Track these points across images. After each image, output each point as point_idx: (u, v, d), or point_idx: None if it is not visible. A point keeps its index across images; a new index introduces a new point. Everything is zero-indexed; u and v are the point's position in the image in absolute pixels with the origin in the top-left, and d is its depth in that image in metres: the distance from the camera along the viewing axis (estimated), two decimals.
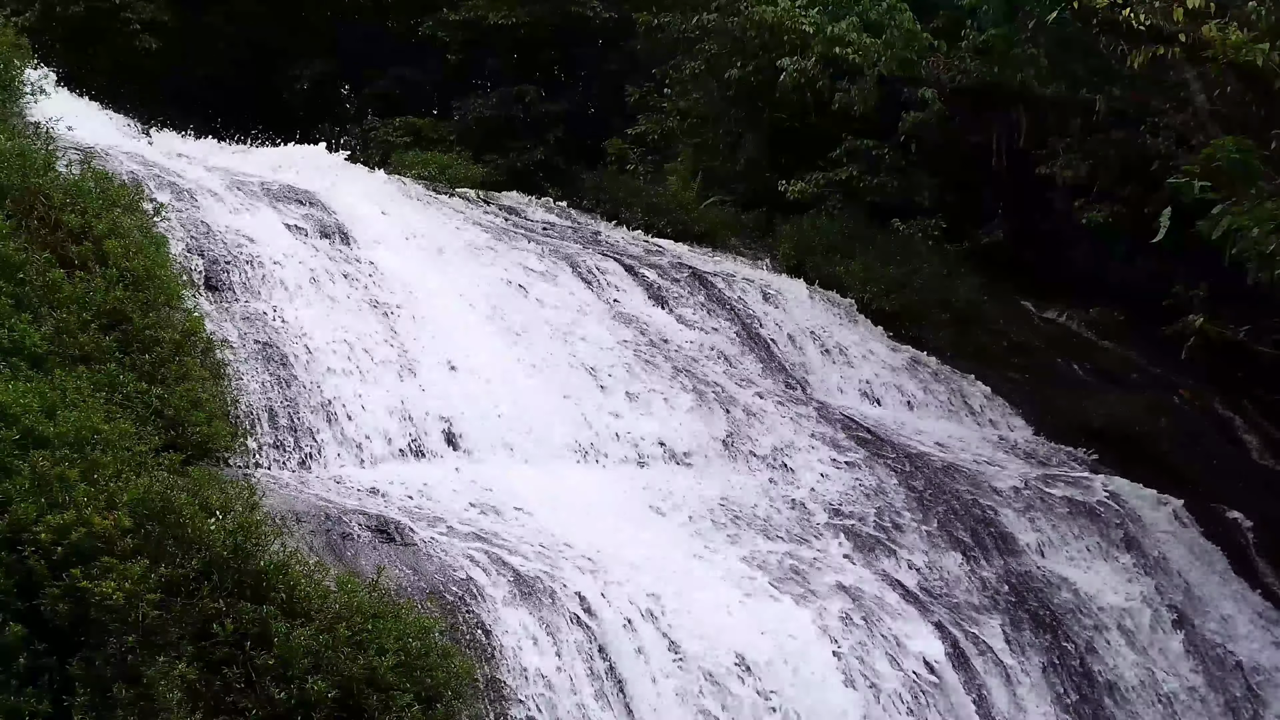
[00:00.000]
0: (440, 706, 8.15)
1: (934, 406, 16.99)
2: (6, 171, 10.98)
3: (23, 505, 8.09)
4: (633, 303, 16.02)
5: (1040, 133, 20.46)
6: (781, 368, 16.22)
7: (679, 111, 24.98)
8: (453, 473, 11.62)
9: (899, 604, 12.05)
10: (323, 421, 11.53)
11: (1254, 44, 13.10)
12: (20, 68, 14.32)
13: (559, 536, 10.78)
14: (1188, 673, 13.94)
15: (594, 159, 25.49)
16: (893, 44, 20.65)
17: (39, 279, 10.13)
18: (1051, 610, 13.35)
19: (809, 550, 12.42)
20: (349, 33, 28.80)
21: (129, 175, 13.35)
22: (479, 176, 21.67)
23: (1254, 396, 19.84)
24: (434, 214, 16.95)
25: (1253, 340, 16.08)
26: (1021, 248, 21.17)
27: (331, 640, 8.00)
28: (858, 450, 14.42)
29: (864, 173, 21.95)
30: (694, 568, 11.14)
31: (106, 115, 17.41)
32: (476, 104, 27.52)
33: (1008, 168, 21.11)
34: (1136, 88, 17.58)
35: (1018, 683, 12.23)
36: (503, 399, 12.75)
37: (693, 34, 23.66)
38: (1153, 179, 16.85)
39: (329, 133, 25.61)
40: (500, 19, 26.75)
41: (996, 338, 19.46)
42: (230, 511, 8.58)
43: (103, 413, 9.12)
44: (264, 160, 17.42)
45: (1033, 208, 21.00)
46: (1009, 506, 14.52)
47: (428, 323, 13.32)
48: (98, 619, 7.80)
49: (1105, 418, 17.83)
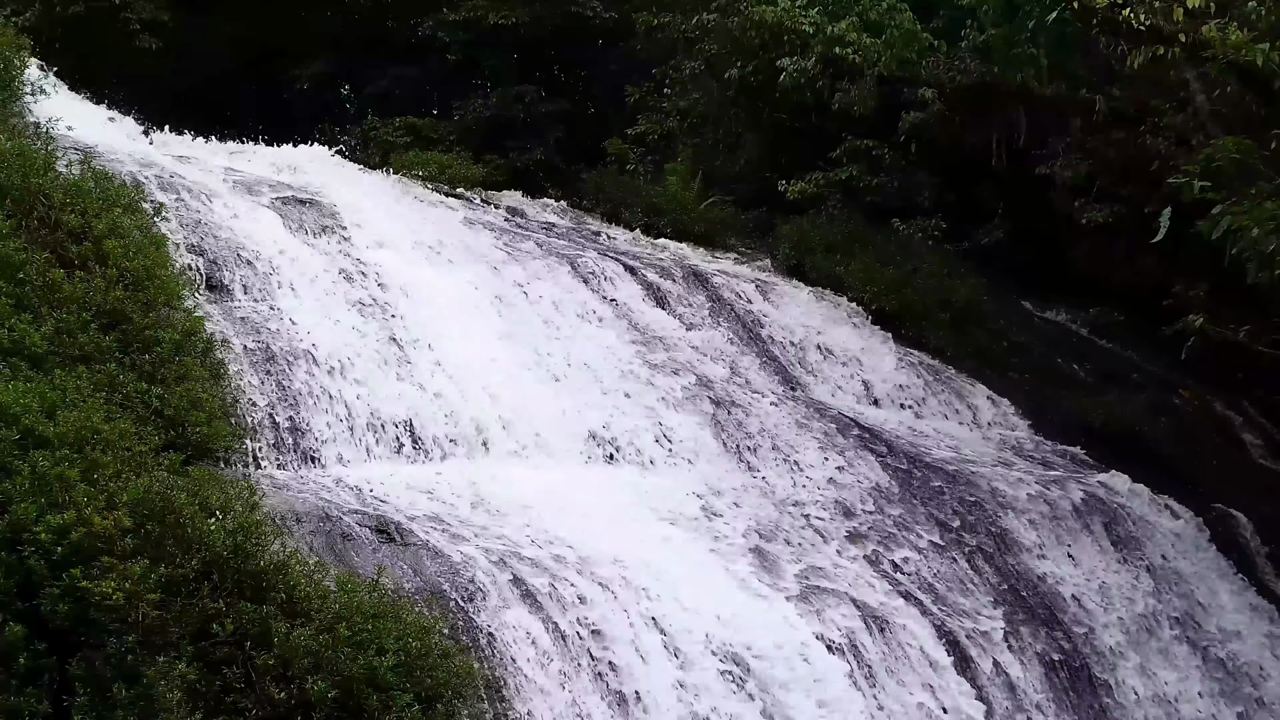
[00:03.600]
0: (440, 706, 8.15)
1: (934, 406, 16.98)
2: (6, 171, 10.98)
3: (23, 505, 8.09)
4: (633, 303, 16.01)
5: (1040, 133, 20.42)
6: (781, 368, 16.22)
7: (679, 111, 24.97)
8: (453, 472, 11.62)
9: (899, 604, 12.06)
10: (322, 421, 11.53)
11: (1254, 44, 13.09)
12: (20, 68, 14.32)
13: (560, 537, 10.78)
14: (1188, 672, 13.94)
15: (594, 159, 25.45)
16: (893, 44, 20.65)
17: (39, 279, 10.13)
18: (1052, 610, 13.35)
19: (809, 550, 12.42)
20: (349, 33, 28.76)
21: (129, 175, 13.36)
22: (479, 176, 21.65)
23: (1254, 396, 19.83)
24: (434, 214, 16.95)
25: (1253, 340, 16.05)
26: (1021, 248, 21.13)
27: (331, 640, 8.00)
28: (857, 450, 14.42)
29: (864, 173, 21.91)
30: (694, 568, 11.14)
31: (106, 115, 17.39)
32: (476, 104, 27.50)
33: (1008, 168, 21.09)
34: (1136, 88, 17.58)
35: (1018, 682, 12.23)
36: (503, 399, 12.75)
37: (693, 34, 23.64)
38: (1153, 179, 16.82)
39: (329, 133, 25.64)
40: (500, 19, 26.72)
41: (996, 338, 19.43)
42: (230, 511, 8.58)
43: (103, 413, 9.13)
44: (264, 160, 17.41)
45: (1033, 208, 20.96)
46: (1009, 506, 14.52)
47: (428, 322, 13.32)
48: (98, 619, 7.80)
49: (1105, 418, 17.81)
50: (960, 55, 20.56)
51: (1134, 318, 20.55)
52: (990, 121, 21.07)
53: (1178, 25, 13.77)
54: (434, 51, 28.34)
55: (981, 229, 21.60)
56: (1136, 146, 18.55)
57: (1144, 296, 19.54)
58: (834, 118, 21.72)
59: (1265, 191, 13.16)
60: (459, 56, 28.03)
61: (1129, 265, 19.56)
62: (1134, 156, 18.63)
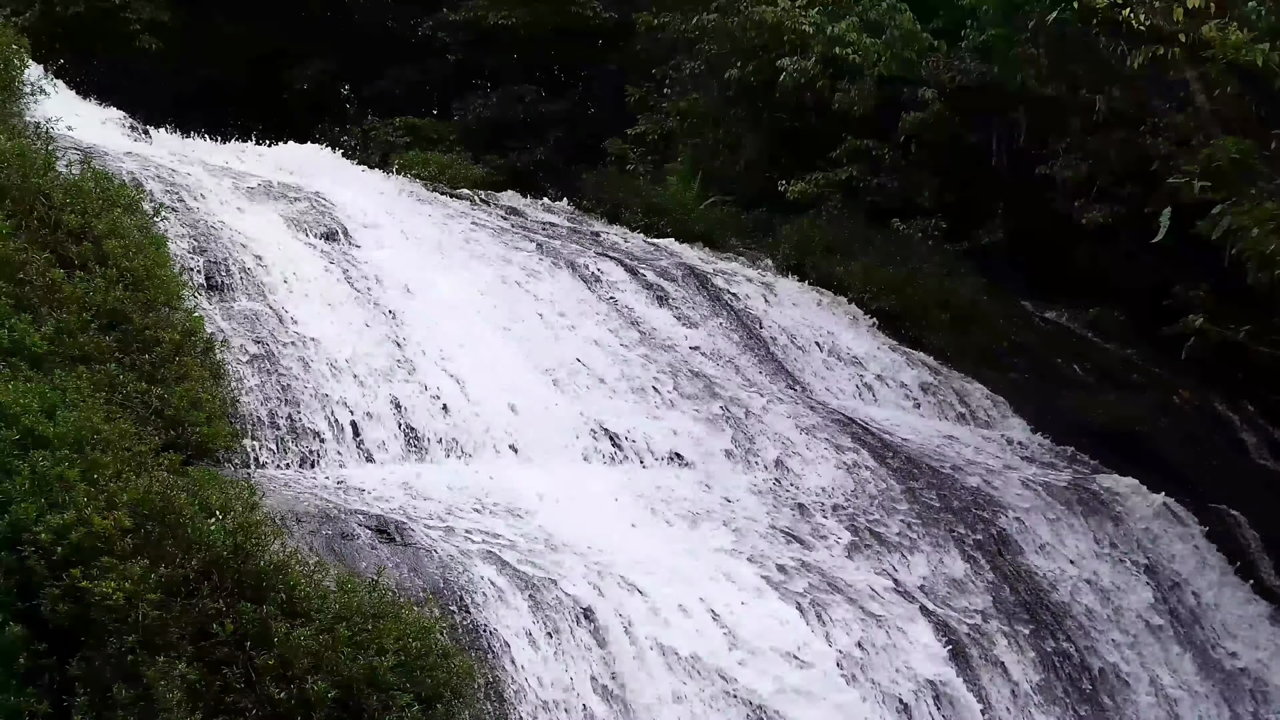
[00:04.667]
0: (440, 707, 8.14)
1: (934, 406, 16.98)
2: (6, 171, 10.97)
3: (23, 505, 8.08)
4: (633, 302, 16.01)
5: (1040, 133, 20.43)
6: (781, 368, 16.22)
7: (679, 111, 24.97)
8: (453, 472, 11.62)
9: (900, 604, 12.05)
10: (323, 421, 11.52)
11: (1254, 44, 13.10)
12: (20, 68, 14.32)
13: (560, 536, 10.78)
14: (1188, 673, 13.94)
15: (594, 159, 25.47)
16: (893, 44, 20.65)
17: (39, 279, 10.12)
18: (1052, 610, 13.36)
19: (809, 551, 12.42)
20: (349, 33, 28.79)
21: (129, 175, 13.35)
22: (479, 176, 21.68)
23: (1254, 396, 19.84)
24: (434, 214, 16.95)
25: (1253, 340, 16.07)
26: (1021, 248, 21.14)
27: (331, 640, 7.99)
28: (857, 450, 14.41)
29: (864, 173, 21.93)
30: (694, 568, 11.13)
31: (106, 115, 17.41)
32: (476, 104, 27.53)
33: (1008, 168, 21.10)
34: (1136, 88, 17.58)
35: (1019, 683, 12.23)
36: (503, 399, 12.75)
37: (693, 34, 23.65)
38: (1153, 179, 16.83)
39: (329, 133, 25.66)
40: (500, 19, 26.74)
41: (996, 338, 19.44)
42: (230, 511, 8.57)
43: (103, 413, 9.12)
44: (264, 160, 17.43)
45: (1033, 208, 20.97)
46: (1009, 506, 14.52)
47: (428, 322, 13.32)
48: (98, 619, 7.79)
49: (1105, 418, 17.81)
50: (960, 55, 20.55)
51: (1134, 318, 20.56)
52: (990, 121, 21.09)
53: (1178, 25, 13.79)
54: (434, 51, 28.37)
55: (981, 229, 21.60)
56: (1136, 146, 18.55)
57: (1144, 296, 19.56)
58: (834, 118, 21.73)
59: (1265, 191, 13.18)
60: (459, 56, 28.05)
61: (1129, 265, 19.58)
62: (1134, 156, 18.64)
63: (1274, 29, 13.38)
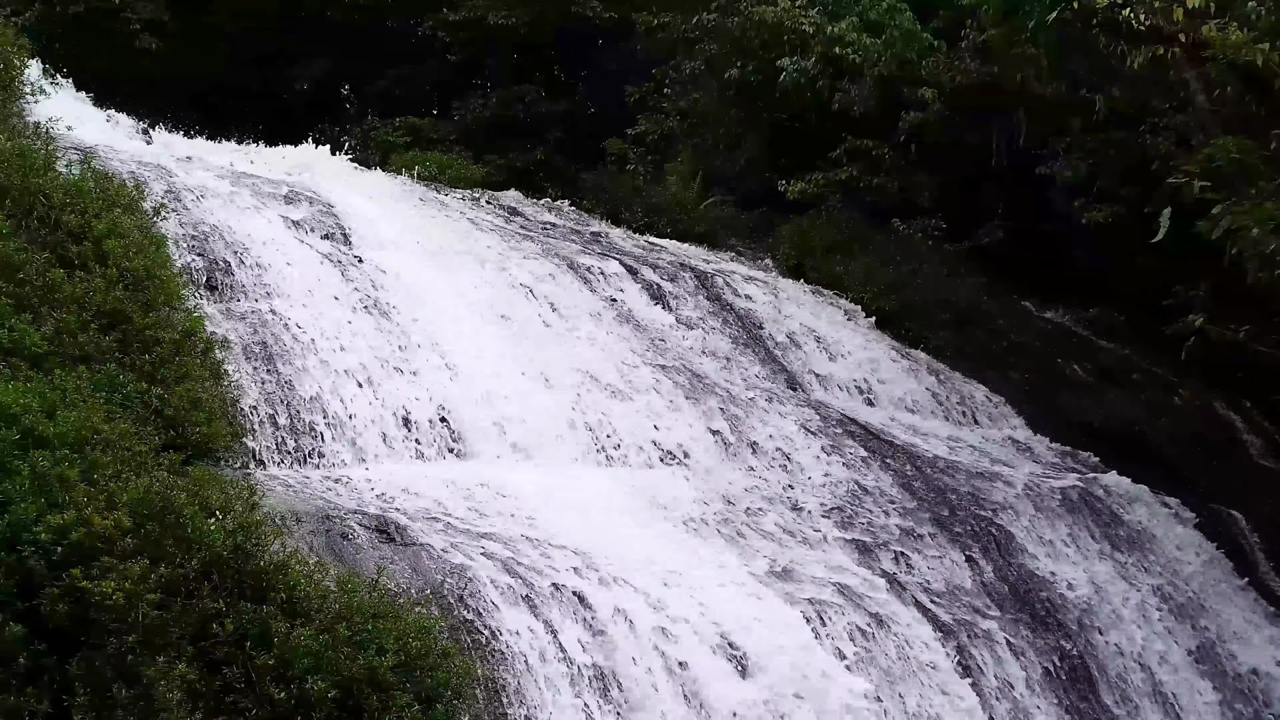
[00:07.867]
0: (440, 706, 8.15)
1: (934, 406, 16.98)
2: (6, 171, 10.98)
3: (23, 505, 8.09)
4: (633, 303, 16.02)
5: (1040, 133, 20.44)
6: (781, 368, 16.22)
7: (679, 111, 24.97)
8: (453, 472, 11.62)
9: (900, 604, 12.05)
10: (322, 421, 11.53)
11: (1254, 44, 13.10)
12: (20, 68, 14.33)
13: (559, 536, 10.78)
14: (1188, 672, 13.94)
15: (594, 159, 25.47)
16: (893, 44, 20.64)
17: (39, 279, 10.13)
18: (1052, 610, 13.35)
19: (809, 550, 12.42)
20: (349, 33, 28.76)
21: (129, 175, 13.36)
22: (479, 176, 21.67)
23: (1254, 396, 19.82)
24: (434, 214, 16.96)
25: (1253, 340, 16.06)
26: (1021, 248, 21.13)
27: (331, 640, 8.00)
28: (857, 450, 14.42)
29: (864, 173, 21.92)
30: (694, 568, 11.13)
31: (106, 115, 17.42)
32: (476, 104, 27.50)
33: (1008, 168, 21.10)
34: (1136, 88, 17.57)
35: (1019, 683, 12.23)
36: (503, 399, 12.75)
37: (693, 34, 23.64)
38: (1153, 179, 16.83)
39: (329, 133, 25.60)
40: (500, 19, 26.72)
41: (996, 338, 19.44)
42: (230, 511, 8.58)
43: (103, 413, 9.13)
44: (264, 160, 17.43)
45: (1033, 208, 20.98)
46: (1009, 507, 14.51)
47: (428, 323, 13.32)
48: (98, 619, 7.80)
49: (1105, 418, 17.81)
50: (960, 55, 20.55)
51: (1134, 318, 20.55)
52: (990, 121, 21.09)
53: (1178, 25, 13.78)
54: (434, 51, 28.35)
55: (981, 229, 21.61)
56: (1136, 146, 18.57)
57: (1144, 296, 19.55)
58: (834, 118, 21.73)
59: (1265, 191, 13.16)
60: (459, 56, 28.04)
61: (1129, 265, 19.57)
62: (1134, 156, 18.66)
63: (1274, 29, 13.37)
